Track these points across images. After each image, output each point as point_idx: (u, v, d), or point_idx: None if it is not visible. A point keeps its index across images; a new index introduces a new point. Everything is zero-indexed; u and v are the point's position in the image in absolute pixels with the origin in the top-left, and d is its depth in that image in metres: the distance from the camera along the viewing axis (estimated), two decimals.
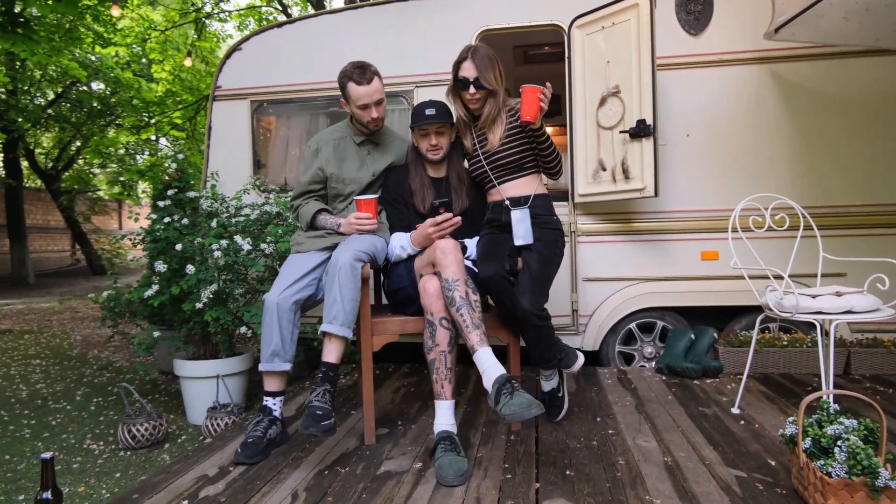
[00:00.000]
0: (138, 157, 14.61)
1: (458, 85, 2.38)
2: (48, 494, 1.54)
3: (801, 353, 3.09)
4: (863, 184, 3.22)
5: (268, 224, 3.25)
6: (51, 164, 13.97)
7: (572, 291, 3.43)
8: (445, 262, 2.10)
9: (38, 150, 13.98)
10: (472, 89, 2.34)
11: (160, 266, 2.89)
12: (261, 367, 2.26)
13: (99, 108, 12.09)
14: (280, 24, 3.77)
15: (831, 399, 2.17)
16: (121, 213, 18.21)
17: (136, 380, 4.08)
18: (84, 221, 14.81)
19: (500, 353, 2.12)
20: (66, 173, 14.12)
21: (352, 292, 2.14)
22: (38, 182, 14.89)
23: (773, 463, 2.00)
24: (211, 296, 2.79)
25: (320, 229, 2.47)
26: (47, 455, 1.56)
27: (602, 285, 3.42)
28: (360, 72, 2.40)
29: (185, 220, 3.09)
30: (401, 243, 2.39)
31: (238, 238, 2.89)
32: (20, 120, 10.76)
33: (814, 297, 2.25)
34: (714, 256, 3.31)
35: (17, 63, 10.72)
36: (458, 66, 2.37)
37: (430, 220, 2.22)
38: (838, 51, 3.18)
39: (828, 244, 2.99)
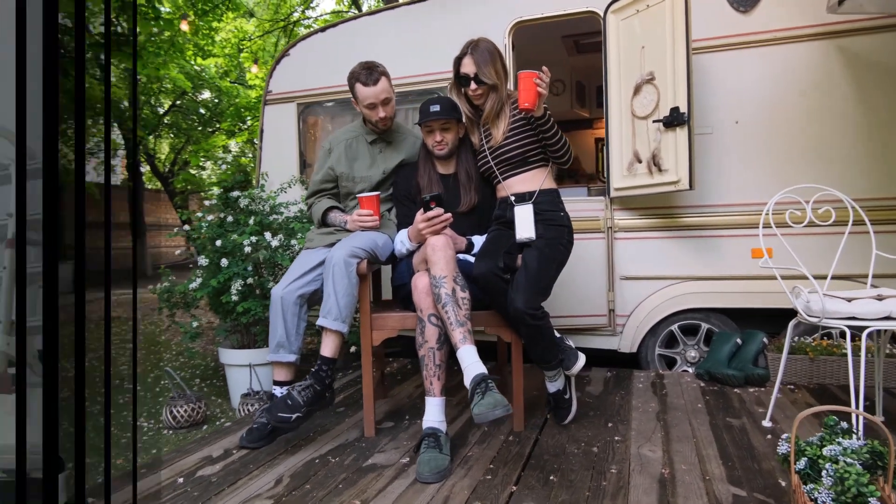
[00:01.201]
0: (244, 158, 15.80)
1: (460, 81, 2.35)
2: None
3: (867, 363, 2.73)
4: None
5: (305, 221, 3.41)
6: (167, 168, 15.45)
7: (609, 290, 3.28)
8: (434, 259, 2.10)
9: (156, 156, 15.53)
10: (472, 85, 2.31)
11: (202, 260, 3.12)
12: (268, 357, 2.38)
13: (207, 115, 13.21)
14: (324, 29, 3.91)
15: (861, 419, 1.93)
16: None
17: (202, 365, 4.44)
18: (195, 219, 16.23)
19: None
20: (180, 175, 15.55)
21: (346, 288, 2.20)
22: (157, 184, 16.53)
23: (783, 483, 1.81)
24: (241, 288, 2.98)
25: (331, 226, 2.55)
26: None
27: (641, 284, 3.23)
28: (367, 73, 2.44)
29: (229, 218, 3.32)
30: (401, 239, 2.41)
31: (267, 234, 3.05)
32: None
33: (849, 300, 2.00)
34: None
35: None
36: (458, 62, 2.35)
37: (420, 216, 2.22)
38: None
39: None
